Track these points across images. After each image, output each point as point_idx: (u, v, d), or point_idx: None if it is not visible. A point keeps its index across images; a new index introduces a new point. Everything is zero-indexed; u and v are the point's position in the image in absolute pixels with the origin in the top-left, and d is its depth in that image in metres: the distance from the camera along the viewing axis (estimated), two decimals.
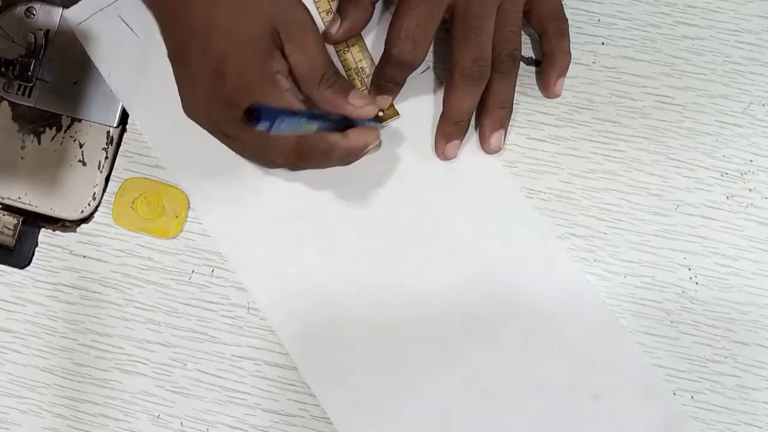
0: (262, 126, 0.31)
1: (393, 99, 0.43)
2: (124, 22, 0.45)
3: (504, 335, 0.43)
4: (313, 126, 0.36)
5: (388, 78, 0.42)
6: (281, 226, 0.44)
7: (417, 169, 0.44)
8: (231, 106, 0.37)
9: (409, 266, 0.43)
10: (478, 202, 0.44)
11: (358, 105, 0.40)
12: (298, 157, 0.39)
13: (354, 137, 0.40)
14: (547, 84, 0.43)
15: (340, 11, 0.43)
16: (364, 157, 0.41)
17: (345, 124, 0.40)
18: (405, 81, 0.42)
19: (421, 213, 0.44)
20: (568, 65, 0.43)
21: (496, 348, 0.43)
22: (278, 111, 0.32)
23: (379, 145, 0.42)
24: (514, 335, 0.43)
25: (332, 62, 0.40)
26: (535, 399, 0.42)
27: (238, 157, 0.42)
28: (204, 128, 0.39)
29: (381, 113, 0.44)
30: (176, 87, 0.39)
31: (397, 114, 0.44)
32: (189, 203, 0.44)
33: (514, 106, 0.44)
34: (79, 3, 0.45)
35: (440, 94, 0.44)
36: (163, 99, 0.44)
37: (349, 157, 0.40)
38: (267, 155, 0.39)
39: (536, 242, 0.43)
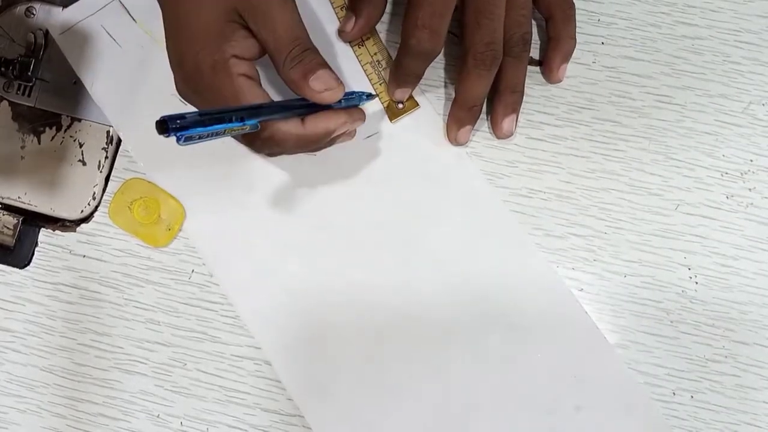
0: (173, 137, 0.30)
1: (412, 91, 0.43)
2: (107, 32, 0.45)
3: (486, 347, 0.43)
4: (246, 127, 0.34)
5: (407, 70, 0.41)
6: (263, 239, 0.44)
7: (398, 180, 0.44)
8: (191, 90, 0.37)
9: (392, 278, 0.43)
10: (459, 214, 0.43)
11: (317, 89, 0.36)
12: (258, 147, 0.39)
13: (311, 125, 0.37)
14: (550, 68, 0.43)
15: (353, 8, 0.43)
16: (346, 166, 0.40)
17: (312, 107, 0.37)
18: (424, 72, 0.42)
19: (404, 224, 0.44)
20: (573, 51, 0.44)
21: (479, 359, 0.42)
22: (189, 123, 0.31)
23: (353, 134, 0.41)
24: (497, 347, 0.42)
25: (305, 38, 0.37)
26: (518, 411, 0.42)
27: (222, 169, 0.43)
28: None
29: (401, 105, 0.44)
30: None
31: (417, 105, 0.44)
32: (185, 218, 0.44)
33: None
34: (62, 12, 0.45)
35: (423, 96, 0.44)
36: (146, 112, 0.44)
37: (309, 145, 0.38)
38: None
39: (518, 254, 0.43)
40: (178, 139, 0.31)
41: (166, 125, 0.30)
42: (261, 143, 0.38)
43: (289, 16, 0.37)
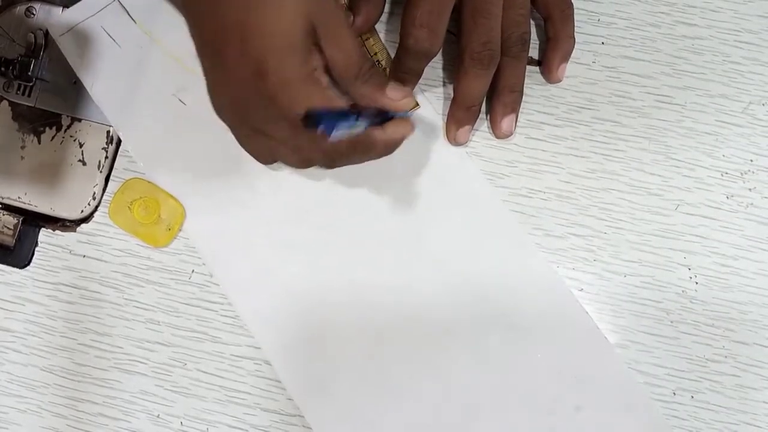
0: (321, 130, 0.31)
1: (413, 89, 0.43)
2: (107, 33, 0.45)
3: (486, 347, 0.42)
4: (361, 126, 0.36)
5: (406, 69, 0.41)
6: (263, 239, 0.44)
7: (398, 180, 0.44)
8: (273, 104, 0.36)
9: (392, 278, 0.43)
10: (459, 214, 0.43)
11: (396, 98, 0.39)
12: (341, 156, 0.39)
13: (392, 131, 0.39)
14: (549, 68, 0.43)
15: (352, 7, 0.43)
16: (346, 167, 0.40)
17: (380, 117, 0.39)
18: (423, 70, 0.42)
19: (403, 224, 0.43)
20: (572, 51, 0.44)
21: (479, 359, 0.42)
22: (337, 115, 0.32)
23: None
24: (497, 347, 0.42)
25: (368, 56, 0.39)
26: (518, 411, 0.42)
27: (222, 169, 0.42)
28: (234, 127, 0.39)
29: None
30: (206, 86, 0.38)
31: (417, 105, 0.44)
32: (185, 218, 0.44)
33: None
34: (62, 13, 0.45)
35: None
36: (146, 111, 0.44)
37: (387, 150, 0.40)
38: (308, 155, 0.39)
39: (518, 254, 0.43)
40: (328, 132, 0.32)
41: (318, 117, 0.31)
42: (361, 151, 0.38)
43: (353, 34, 0.38)
